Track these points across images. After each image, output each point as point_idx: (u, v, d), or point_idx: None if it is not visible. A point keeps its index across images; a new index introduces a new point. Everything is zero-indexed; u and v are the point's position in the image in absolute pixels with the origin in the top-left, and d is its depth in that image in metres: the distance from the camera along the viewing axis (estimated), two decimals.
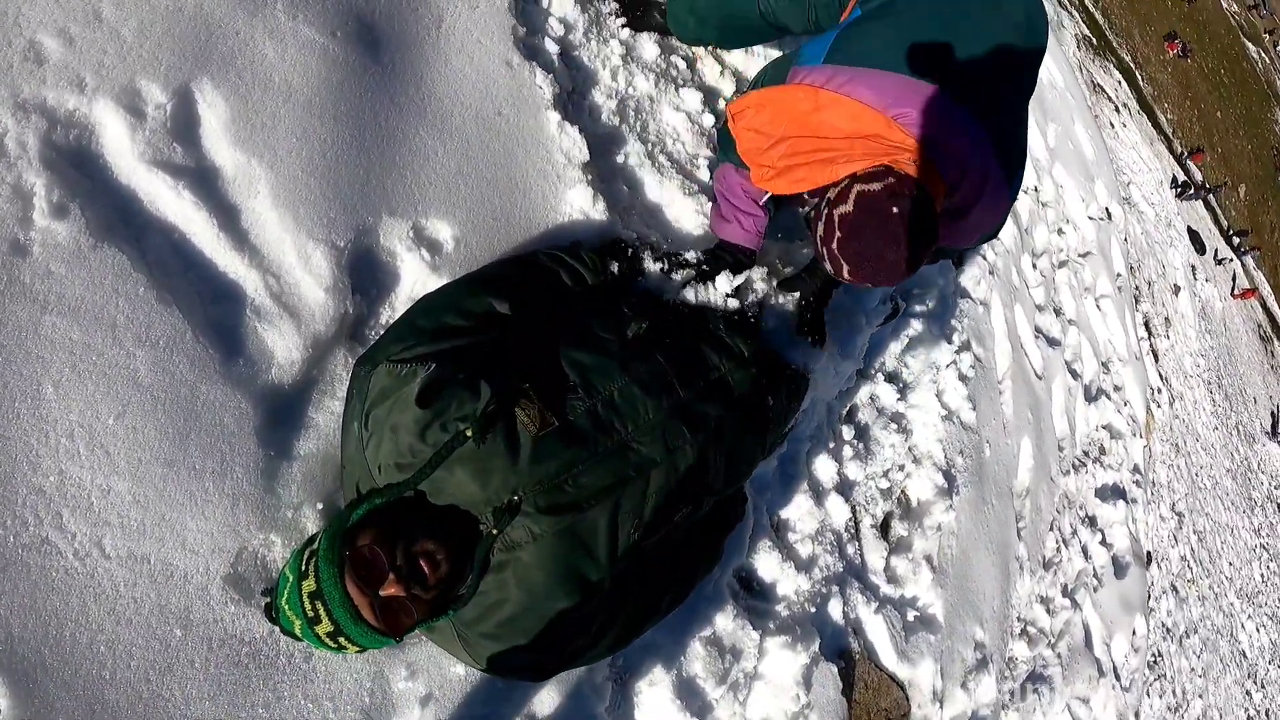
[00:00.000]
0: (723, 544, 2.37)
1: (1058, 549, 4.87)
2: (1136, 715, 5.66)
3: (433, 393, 1.69)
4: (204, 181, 1.83)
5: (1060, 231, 5.89)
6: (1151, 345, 9.03)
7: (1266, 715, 10.12)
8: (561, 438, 1.75)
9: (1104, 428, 5.59)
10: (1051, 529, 4.79)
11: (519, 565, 1.71)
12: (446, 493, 1.70)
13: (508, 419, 1.72)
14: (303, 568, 1.60)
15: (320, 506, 1.84)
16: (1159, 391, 8.79)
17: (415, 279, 2.09)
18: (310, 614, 1.57)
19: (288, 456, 1.82)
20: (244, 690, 1.66)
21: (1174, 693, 7.12)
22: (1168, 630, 7.65)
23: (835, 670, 2.83)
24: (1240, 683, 9.57)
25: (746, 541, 2.65)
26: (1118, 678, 5.28)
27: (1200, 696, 7.93)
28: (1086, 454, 5.35)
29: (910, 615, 3.33)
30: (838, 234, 1.88)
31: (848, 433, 3.20)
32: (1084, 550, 5.19)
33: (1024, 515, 4.38)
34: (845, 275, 1.92)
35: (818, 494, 2.97)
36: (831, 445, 3.08)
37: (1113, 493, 5.52)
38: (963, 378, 3.80)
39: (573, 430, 1.77)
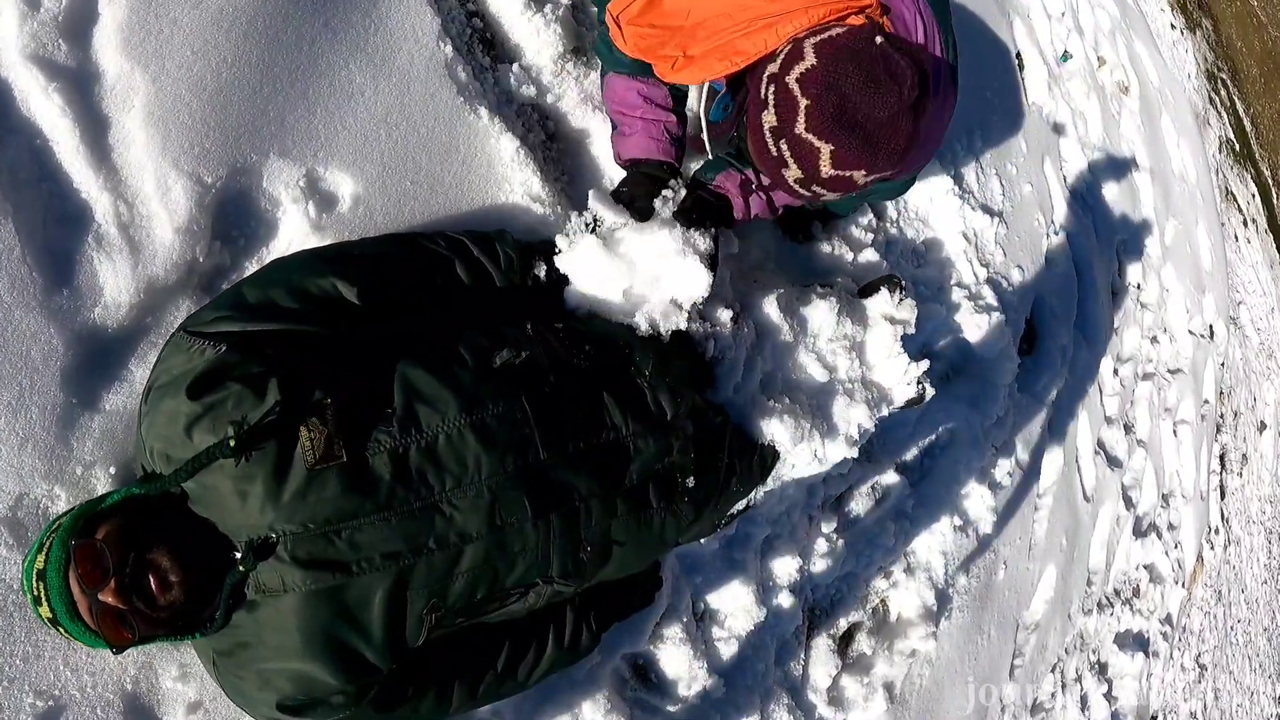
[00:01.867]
0: (604, 629, 1.90)
1: (1054, 694, 4.25)
2: None
3: (211, 382, 1.41)
4: (80, 86, 1.69)
5: (1154, 340, 5.18)
6: (1221, 480, 8.20)
7: None
8: (346, 478, 1.41)
9: (1145, 568, 4.93)
10: (1053, 670, 4.17)
11: (272, 612, 1.42)
12: (208, 503, 1.42)
13: (288, 437, 1.40)
14: (43, 540, 1.42)
15: (114, 471, 1.66)
16: (1216, 532, 7.99)
17: (293, 235, 1.84)
18: (34, 593, 1.40)
19: (92, 408, 1.65)
20: (6, 637, 1.55)
21: None
22: None
23: None
24: None
25: (650, 626, 2.13)
26: None
27: None
28: (1117, 593, 4.69)
29: None
30: (802, 104, 1.43)
31: (828, 525, 2.62)
32: (1083, 701, 4.56)
33: (1024, 651, 3.77)
34: (826, 167, 1.46)
35: (764, 590, 2.41)
36: (800, 536, 2.52)
37: (1135, 642, 4.88)
38: (993, 485, 3.19)
39: (364, 472, 1.42)
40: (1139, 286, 5.08)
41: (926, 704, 3.11)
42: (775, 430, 1.98)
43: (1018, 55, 4.48)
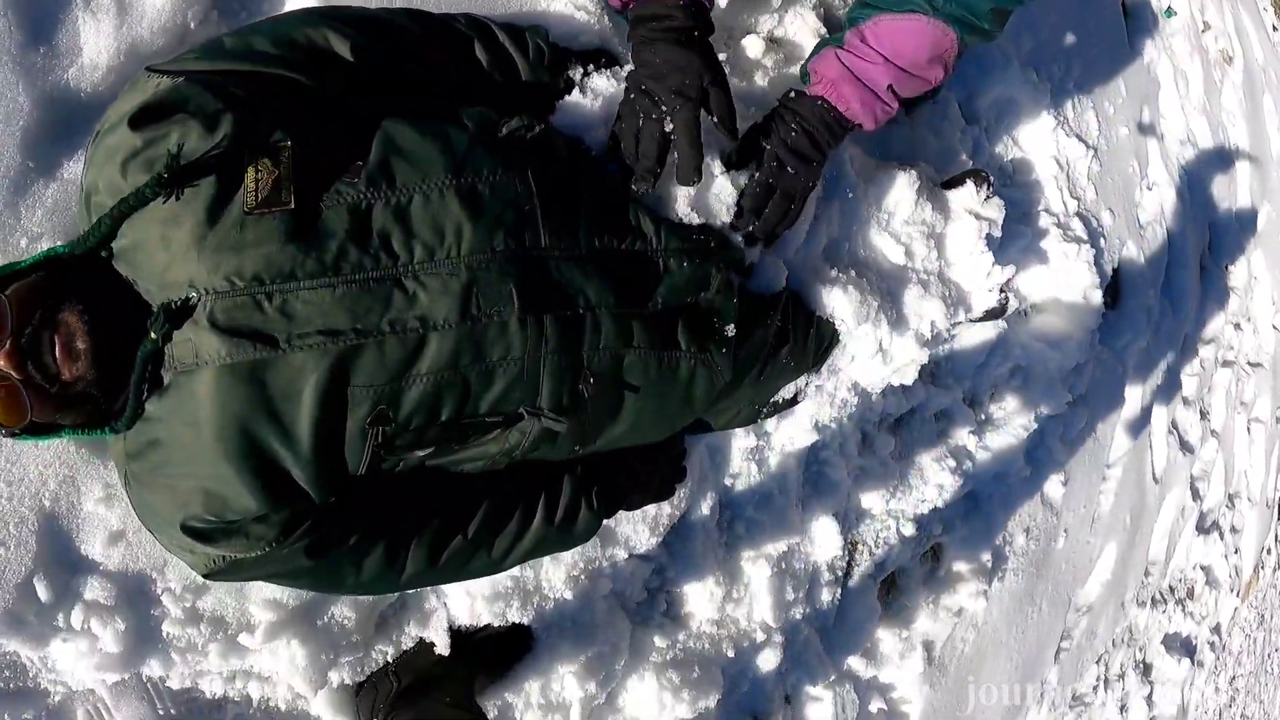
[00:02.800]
0: (608, 512, 1.56)
1: (1095, 689, 3.93)
2: None
3: (158, 114, 1.17)
4: None
5: (1238, 327, 4.80)
6: None
7: None
8: (289, 229, 1.15)
9: (1203, 568, 4.57)
10: (1098, 662, 3.84)
11: (185, 396, 1.17)
12: (132, 260, 1.20)
13: (232, 178, 1.15)
14: None
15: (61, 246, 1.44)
16: (1268, 552, 7.57)
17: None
18: None
19: (49, 175, 1.48)
20: None
21: None
22: None
23: None
24: None
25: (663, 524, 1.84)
26: None
27: None
28: (1173, 590, 4.35)
29: (874, 705, 2.47)
30: None
31: (884, 444, 2.30)
32: (1123, 703, 4.24)
33: (1072, 635, 3.45)
34: None
35: (803, 509, 2.11)
36: (851, 452, 2.20)
37: (1182, 647, 4.54)
38: (1065, 439, 2.86)
39: (313, 223, 1.16)
40: (1227, 269, 4.70)
41: (966, 675, 2.81)
42: (838, 303, 1.69)
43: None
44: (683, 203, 1.46)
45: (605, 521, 1.55)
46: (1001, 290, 2.03)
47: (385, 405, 1.19)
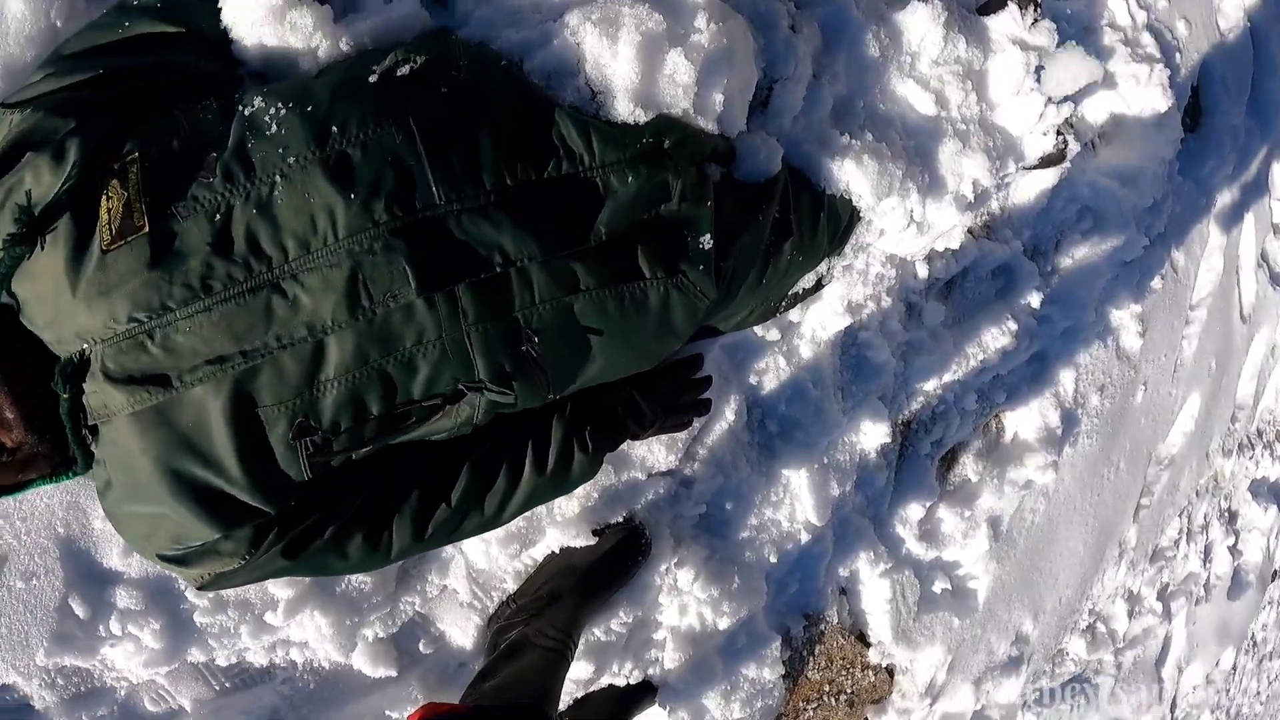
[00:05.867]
0: (608, 448, 1.36)
1: (1177, 541, 3.73)
2: None
3: (11, 158, 1.07)
4: None
5: None
6: None
7: None
8: (149, 255, 1.02)
9: None
10: (1181, 514, 3.63)
11: (111, 445, 1.10)
12: (32, 320, 1.10)
13: (86, 212, 1.04)
14: None
15: None
16: None
17: None
18: None
19: None
20: None
21: None
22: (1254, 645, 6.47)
23: (776, 643, 1.90)
24: None
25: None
26: (1173, 710, 4.25)
27: None
28: (1260, 434, 4.07)
29: (937, 585, 2.32)
30: None
31: (932, 317, 2.05)
32: (1206, 551, 4.04)
33: (1153, 490, 3.23)
34: None
35: (843, 398, 1.89)
36: (895, 329, 1.96)
37: (1270, 493, 4.29)
38: (1142, 286, 2.57)
39: (170, 246, 1.02)
40: None
41: (1038, 544, 2.62)
42: (851, 176, 1.41)
43: None
44: (623, 99, 1.17)
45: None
46: (1059, 132, 1.73)
47: (304, 416, 1.06)
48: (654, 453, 1.64)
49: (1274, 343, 3.74)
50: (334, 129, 1.03)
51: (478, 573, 1.76)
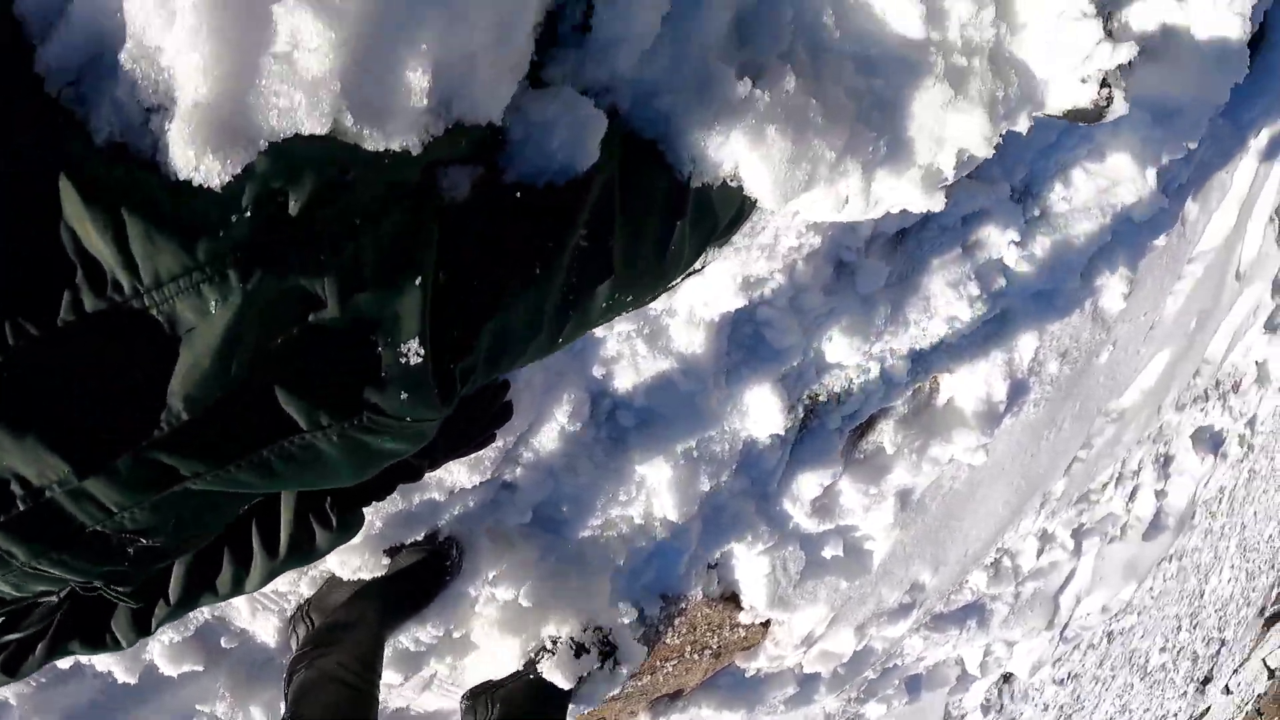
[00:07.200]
0: (361, 504, 0.98)
1: (1105, 485, 3.54)
2: (1055, 665, 4.76)
3: None
4: None
5: None
6: None
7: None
8: None
9: (1257, 363, 4.00)
10: (1118, 461, 3.42)
11: None
12: None
13: None
14: None
15: None
16: None
17: None
18: None
19: None
20: None
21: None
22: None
23: (628, 621, 1.64)
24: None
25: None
26: (1063, 634, 4.25)
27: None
28: (1218, 385, 3.82)
29: (827, 552, 2.04)
30: None
31: (871, 276, 1.63)
32: (1131, 495, 3.91)
33: (1093, 443, 2.97)
34: None
35: (728, 382, 1.53)
36: (811, 304, 1.56)
37: (1210, 442, 4.13)
38: (1141, 240, 2.17)
39: None
40: None
41: (951, 509, 2.36)
42: (742, 157, 0.90)
43: None
44: (191, 123, 0.59)
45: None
46: (1105, 82, 1.26)
47: None
48: (454, 474, 1.29)
49: (1259, 301, 3.41)
50: None
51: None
